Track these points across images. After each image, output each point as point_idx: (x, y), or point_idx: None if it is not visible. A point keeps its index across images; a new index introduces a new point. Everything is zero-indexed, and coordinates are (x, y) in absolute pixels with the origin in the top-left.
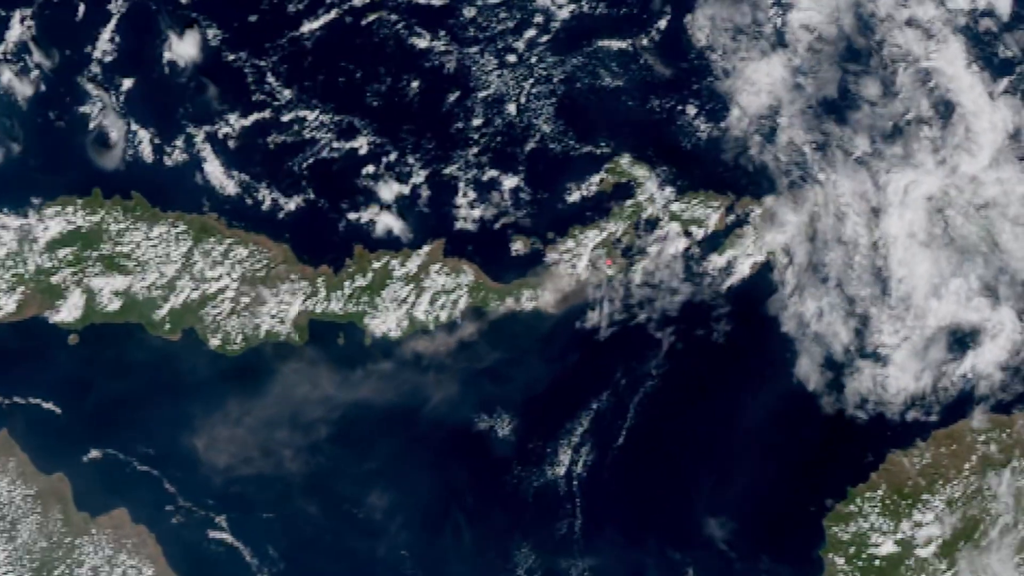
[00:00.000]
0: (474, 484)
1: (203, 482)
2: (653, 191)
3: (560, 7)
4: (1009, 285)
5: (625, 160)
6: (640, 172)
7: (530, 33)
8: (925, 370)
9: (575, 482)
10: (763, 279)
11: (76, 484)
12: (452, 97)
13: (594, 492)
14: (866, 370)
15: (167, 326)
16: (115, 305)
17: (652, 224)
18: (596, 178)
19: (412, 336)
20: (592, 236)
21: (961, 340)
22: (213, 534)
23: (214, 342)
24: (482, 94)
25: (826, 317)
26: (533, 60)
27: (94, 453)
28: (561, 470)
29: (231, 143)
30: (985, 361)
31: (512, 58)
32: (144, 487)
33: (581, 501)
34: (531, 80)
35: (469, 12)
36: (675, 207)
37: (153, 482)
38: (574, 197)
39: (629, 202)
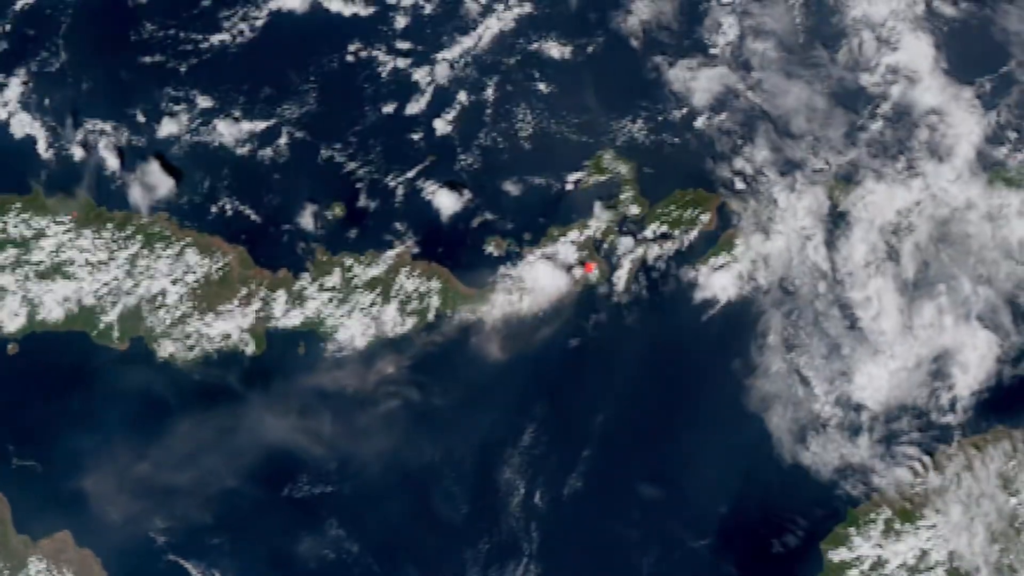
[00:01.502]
0: (424, 520)
1: (152, 504)
2: (634, 192)
3: (493, 13)
4: (982, 304)
5: (608, 156)
6: (623, 169)
7: (466, 42)
8: (906, 397)
9: (532, 523)
10: (738, 304)
11: (16, 505)
12: (391, 108)
13: (555, 529)
14: (834, 420)
15: (114, 335)
16: (59, 312)
17: (637, 224)
18: (576, 176)
19: (365, 363)
20: (572, 237)
21: (941, 366)
22: (162, 558)
23: (164, 352)
24: (419, 104)
25: (795, 355)
26: (469, 68)
27: (34, 469)
28: (517, 501)
29: (154, 144)
30: (966, 384)
31: (445, 68)
32: (88, 508)
33: (539, 539)
34: (464, 90)
35: (401, 21)
36: (660, 208)
37: (98, 503)
38: (553, 196)
39: (612, 201)
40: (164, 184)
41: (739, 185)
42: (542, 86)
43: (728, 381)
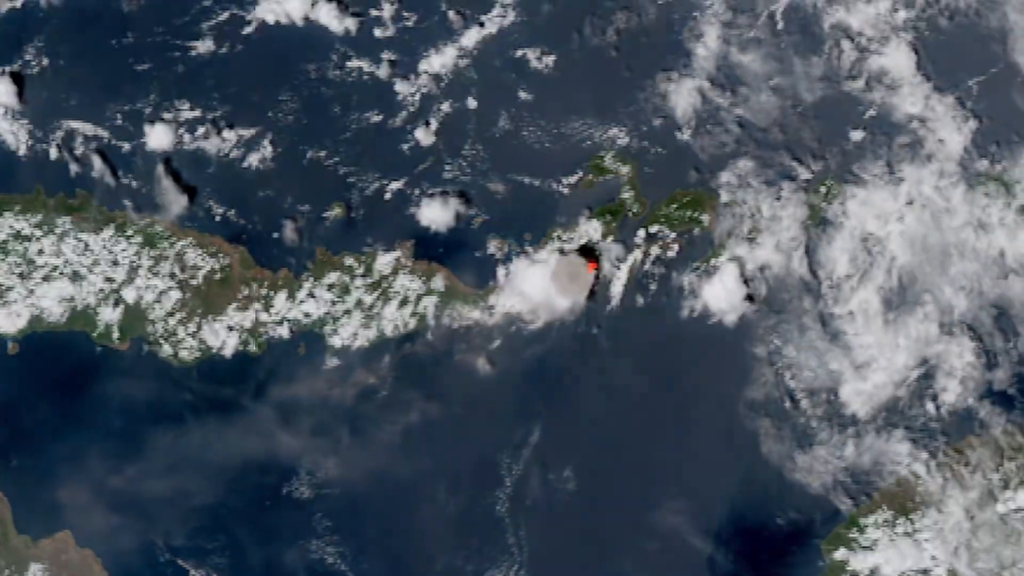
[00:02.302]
0: (419, 525)
1: (152, 505)
2: (634, 191)
3: (475, 25)
4: (966, 312)
5: (608, 156)
6: (624, 169)
7: (450, 52)
8: (895, 406)
9: (522, 530)
10: (728, 314)
11: (16, 505)
12: (378, 117)
13: (549, 534)
14: (825, 430)
15: (115, 335)
16: (59, 312)
17: (635, 227)
18: (572, 178)
19: (364, 364)
20: (572, 238)
21: (928, 374)
22: (162, 558)
23: (164, 352)
24: (405, 113)
25: (781, 367)
26: (453, 78)
27: (34, 469)
28: (510, 507)
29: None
30: (954, 391)
31: (429, 79)
32: (89, 508)
33: (531, 545)
34: (449, 99)
35: (386, 32)
36: (659, 209)
37: (98, 503)
38: (552, 196)
39: (613, 201)
40: (177, 201)
41: (724, 197)
42: (525, 95)
43: (721, 388)
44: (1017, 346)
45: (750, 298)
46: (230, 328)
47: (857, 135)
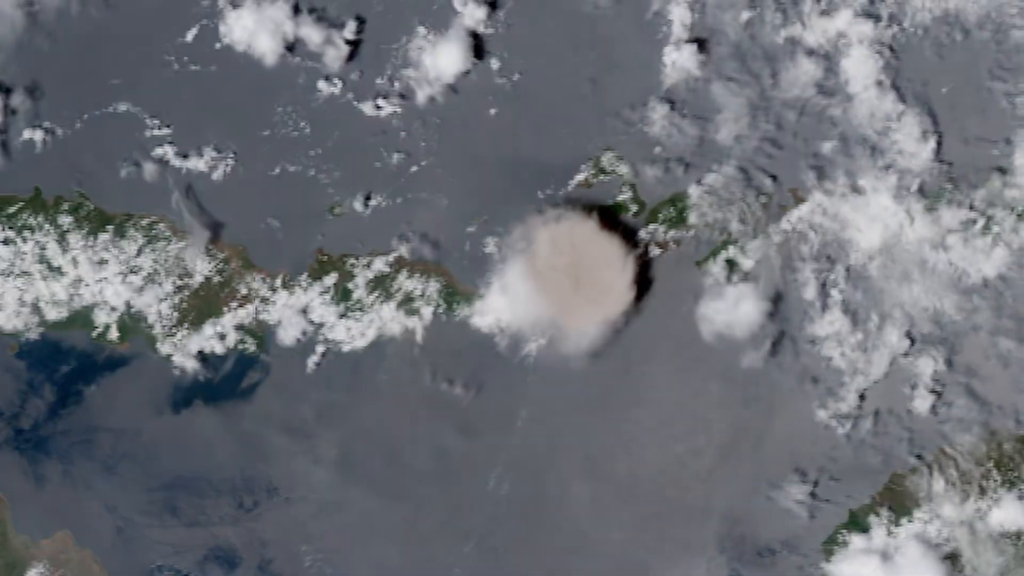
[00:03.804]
0: (412, 529)
1: (151, 504)
2: (633, 192)
3: (447, 41)
4: (930, 327)
5: (607, 157)
6: (623, 170)
7: (421, 71)
8: (873, 418)
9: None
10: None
11: (16, 505)
12: (351, 133)
13: (545, 538)
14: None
15: (115, 335)
16: (59, 312)
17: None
18: (577, 177)
19: (363, 365)
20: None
21: (902, 389)
22: (161, 559)
23: (163, 352)
24: (375, 129)
25: (766, 384)
26: (426, 94)
27: (34, 468)
28: (505, 511)
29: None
30: (926, 405)
31: (396, 104)
32: (88, 508)
33: (526, 549)
34: (417, 122)
35: (360, 53)
36: (658, 210)
37: (98, 503)
38: (553, 196)
39: (612, 201)
40: (200, 236)
41: (694, 216)
42: (496, 110)
43: (713, 398)
44: (989, 356)
45: (761, 313)
46: (228, 328)
47: (822, 149)
